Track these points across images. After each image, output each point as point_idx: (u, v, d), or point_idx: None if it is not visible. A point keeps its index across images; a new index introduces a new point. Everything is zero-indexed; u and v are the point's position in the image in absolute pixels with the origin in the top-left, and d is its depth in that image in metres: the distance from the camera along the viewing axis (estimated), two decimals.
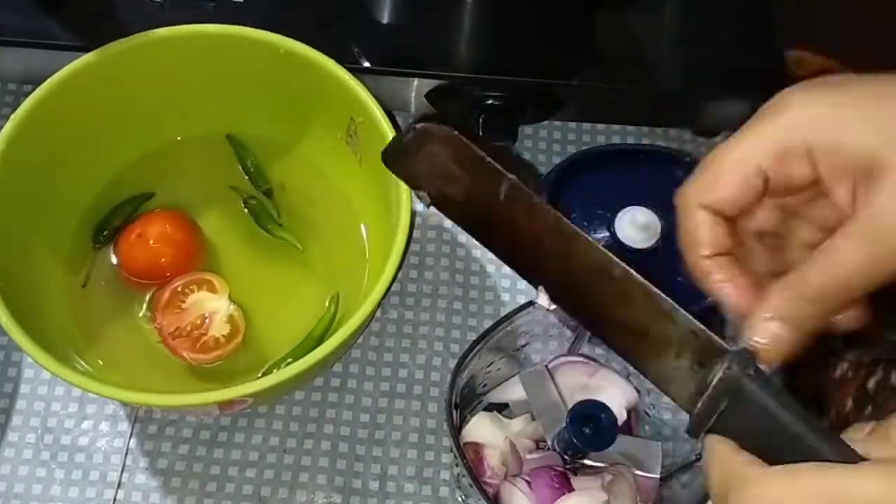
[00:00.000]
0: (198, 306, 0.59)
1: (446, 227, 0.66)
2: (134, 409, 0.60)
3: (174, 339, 0.58)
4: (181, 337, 0.58)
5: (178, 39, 0.58)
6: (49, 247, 0.59)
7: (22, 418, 0.59)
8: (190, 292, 0.59)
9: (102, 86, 0.58)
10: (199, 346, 0.58)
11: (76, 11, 0.63)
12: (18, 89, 0.68)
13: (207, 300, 0.59)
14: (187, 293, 0.59)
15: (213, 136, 0.64)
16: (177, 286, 0.59)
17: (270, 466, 0.58)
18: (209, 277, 0.60)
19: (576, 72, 0.65)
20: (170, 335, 0.58)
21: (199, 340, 0.58)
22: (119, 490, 0.57)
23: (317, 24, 0.63)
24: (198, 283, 0.60)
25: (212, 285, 0.59)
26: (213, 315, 0.59)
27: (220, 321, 0.59)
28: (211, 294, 0.59)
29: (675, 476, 0.52)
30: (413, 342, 0.62)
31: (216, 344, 0.58)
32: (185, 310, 0.59)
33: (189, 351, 0.58)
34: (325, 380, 0.61)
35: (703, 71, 0.65)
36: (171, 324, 0.58)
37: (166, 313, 0.59)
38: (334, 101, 0.58)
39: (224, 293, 0.59)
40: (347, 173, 0.62)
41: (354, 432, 0.59)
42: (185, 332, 0.58)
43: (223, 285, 0.59)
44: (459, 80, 0.63)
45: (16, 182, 0.56)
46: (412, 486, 0.58)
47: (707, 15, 0.67)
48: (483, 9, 0.65)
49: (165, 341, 0.58)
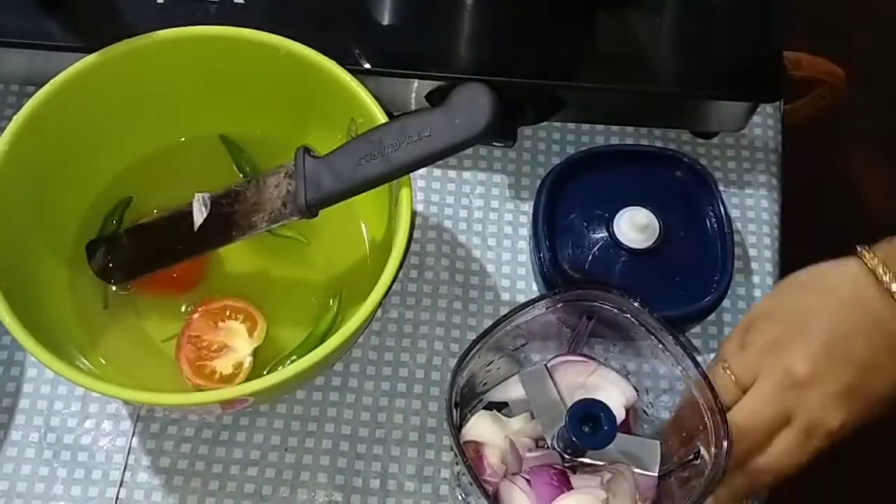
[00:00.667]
0: (227, 334, 0.59)
1: (446, 226, 0.66)
2: (136, 408, 0.60)
3: (188, 342, 0.58)
4: (191, 345, 0.58)
5: (180, 41, 0.59)
6: (51, 247, 0.60)
7: (25, 417, 0.59)
8: (232, 319, 0.59)
9: (104, 87, 0.59)
10: (197, 363, 0.58)
11: (78, 13, 0.63)
12: (21, 90, 0.69)
13: (238, 336, 0.59)
14: (231, 317, 0.59)
15: (214, 137, 0.65)
16: (228, 303, 0.59)
17: (272, 465, 0.59)
18: (257, 319, 0.59)
19: (576, 72, 0.65)
20: (188, 337, 0.58)
21: (201, 360, 0.58)
22: (121, 488, 0.58)
23: (317, 26, 0.63)
24: (246, 316, 0.59)
25: (253, 327, 0.59)
26: (230, 352, 0.58)
27: (230, 360, 0.58)
28: (246, 335, 0.59)
29: (673, 474, 0.53)
30: (413, 342, 0.62)
31: (210, 374, 0.58)
32: (216, 328, 0.59)
33: (187, 360, 0.58)
34: (326, 379, 0.61)
35: (702, 71, 0.65)
36: (197, 329, 0.58)
37: (203, 320, 0.59)
38: (335, 102, 0.59)
39: (255, 342, 0.59)
40: None
41: (355, 431, 0.60)
42: (199, 344, 0.58)
43: (260, 333, 0.59)
44: (460, 81, 0.63)
45: (18, 182, 0.56)
46: (413, 485, 0.58)
47: (706, 16, 0.67)
48: (483, 10, 0.65)
49: (180, 338, 0.58)
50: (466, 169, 0.68)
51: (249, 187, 0.57)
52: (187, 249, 0.58)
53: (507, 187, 0.68)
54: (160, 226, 0.59)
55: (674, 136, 0.70)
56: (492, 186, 0.67)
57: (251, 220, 0.56)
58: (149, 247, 0.60)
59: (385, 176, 0.52)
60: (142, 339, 0.60)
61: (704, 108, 0.67)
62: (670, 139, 0.70)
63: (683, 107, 0.67)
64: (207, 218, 0.57)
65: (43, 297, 0.58)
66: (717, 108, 0.67)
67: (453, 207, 0.67)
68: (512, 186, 0.68)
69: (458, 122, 0.49)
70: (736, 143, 0.70)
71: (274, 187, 0.55)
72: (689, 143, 0.70)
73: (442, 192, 0.67)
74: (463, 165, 0.68)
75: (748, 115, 0.67)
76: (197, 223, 0.57)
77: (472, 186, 0.67)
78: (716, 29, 0.67)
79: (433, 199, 0.67)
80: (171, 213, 0.59)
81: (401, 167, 0.51)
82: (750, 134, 0.70)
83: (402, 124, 0.51)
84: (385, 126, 0.52)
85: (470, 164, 0.68)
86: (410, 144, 0.50)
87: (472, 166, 0.68)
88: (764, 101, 0.68)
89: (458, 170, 0.68)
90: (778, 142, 0.70)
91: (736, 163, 0.69)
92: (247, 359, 0.58)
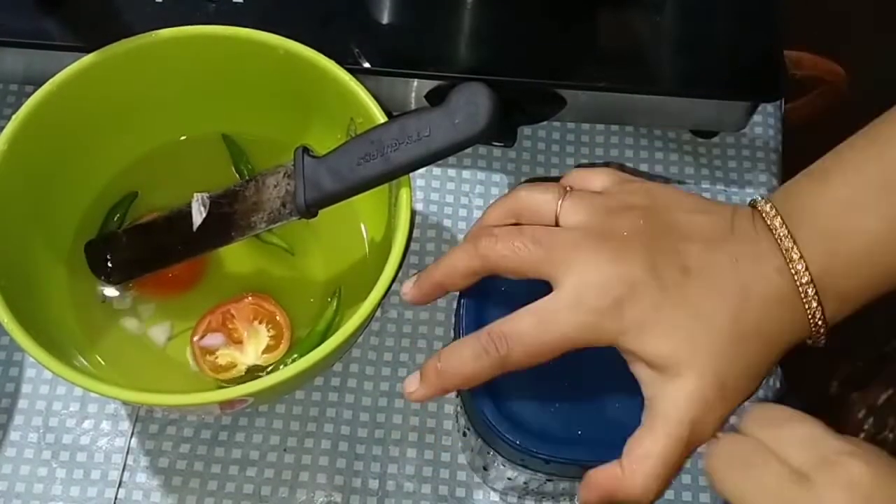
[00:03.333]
0: (251, 335, 0.59)
1: (446, 226, 0.66)
2: (135, 409, 0.60)
3: (223, 312, 0.59)
4: (223, 316, 0.59)
5: (179, 40, 0.58)
6: (50, 246, 0.60)
7: (24, 418, 0.59)
8: (265, 325, 0.59)
9: (103, 87, 0.58)
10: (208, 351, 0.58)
11: (76, 12, 0.63)
12: (20, 90, 0.69)
13: (255, 343, 0.59)
14: (267, 323, 0.59)
15: (213, 137, 0.64)
16: (276, 313, 0.59)
17: (271, 465, 0.59)
18: (281, 343, 0.59)
19: (576, 72, 0.65)
20: (228, 310, 0.59)
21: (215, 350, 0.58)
22: (120, 489, 0.58)
23: (316, 25, 0.63)
24: (277, 334, 0.59)
25: (273, 346, 0.59)
26: (237, 349, 0.58)
27: (230, 355, 0.58)
28: (260, 348, 0.59)
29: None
30: (413, 342, 0.62)
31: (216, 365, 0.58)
32: (251, 323, 0.59)
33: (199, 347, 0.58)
34: (325, 379, 0.61)
35: (702, 71, 0.65)
36: (239, 310, 0.59)
37: (249, 307, 0.59)
38: (334, 102, 0.59)
39: (260, 360, 0.58)
40: None
41: (354, 431, 0.60)
42: (227, 324, 0.59)
43: (269, 359, 0.59)
44: (459, 80, 0.63)
45: (17, 182, 0.56)
46: (412, 485, 0.58)
47: (707, 15, 0.67)
48: (483, 9, 0.65)
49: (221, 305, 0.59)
50: (466, 168, 0.68)
51: (248, 187, 0.57)
52: (187, 250, 0.58)
53: (507, 187, 0.67)
54: (159, 226, 0.59)
55: (674, 135, 0.70)
56: (492, 186, 0.67)
57: (250, 220, 0.56)
58: (148, 247, 0.60)
59: (385, 176, 0.52)
60: (141, 340, 0.60)
61: (704, 108, 0.67)
62: (670, 139, 0.70)
63: (683, 107, 0.67)
64: (206, 218, 0.57)
65: (41, 296, 0.57)
66: (717, 107, 0.66)
67: (453, 207, 0.67)
68: (512, 186, 0.67)
69: (457, 121, 0.49)
70: (736, 142, 0.70)
71: (273, 187, 0.55)
72: (689, 142, 0.70)
73: (442, 192, 0.67)
74: (463, 165, 0.68)
75: (748, 115, 0.67)
76: (196, 223, 0.57)
77: (471, 186, 0.67)
78: (716, 28, 0.67)
79: (433, 198, 0.67)
80: (170, 214, 0.59)
81: (400, 167, 0.51)
82: (750, 134, 0.70)
83: (401, 124, 0.51)
84: (384, 126, 0.52)
85: (470, 163, 0.68)
86: (410, 144, 0.50)
87: (472, 166, 0.68)
88: (764, 101, 0.68)
89: (458, 169, 0.68)
90: (778, 142, 0.70)
91: (736, 163, 0.69)
92: (244, 366, 0.58)
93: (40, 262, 0.59)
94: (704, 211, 0.47)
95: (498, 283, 0.48)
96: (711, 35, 0.66)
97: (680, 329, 0.43)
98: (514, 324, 0.45)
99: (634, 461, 0.43)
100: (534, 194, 0.49)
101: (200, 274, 0.62)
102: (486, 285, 0.49)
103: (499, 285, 0.49)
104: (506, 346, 0.45)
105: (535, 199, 0.48)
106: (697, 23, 0.67)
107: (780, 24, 0.66)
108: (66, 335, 0.58)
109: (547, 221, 0.48)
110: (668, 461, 0.43)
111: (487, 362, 0.45)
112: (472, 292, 0.50)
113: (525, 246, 0.46)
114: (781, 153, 0.70)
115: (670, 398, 0.43)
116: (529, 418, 0.48)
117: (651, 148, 0.69)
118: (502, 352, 0.45)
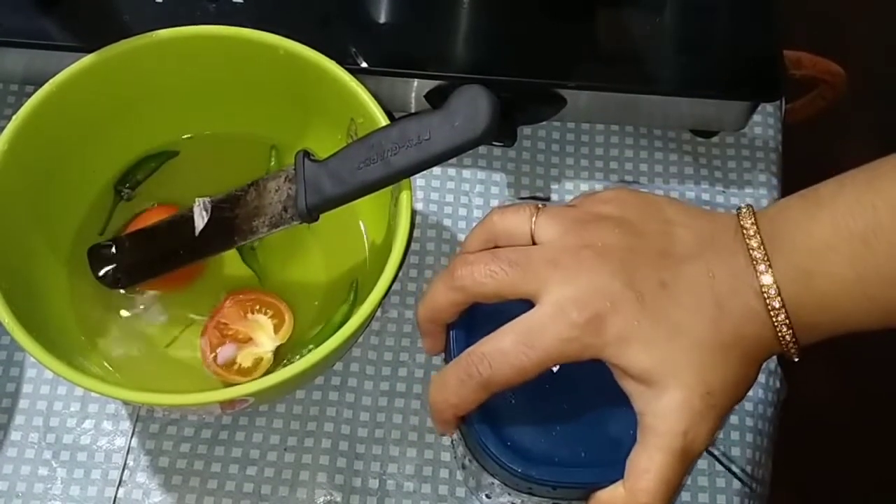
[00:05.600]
0: (253, 327, 0.59)
1: (446, 226, 0.66)
2: (136, 409, 0.60)
3: (214, 328, 0.58)
4: (217, 331, 0.58)
5: (179, 40, 0.58)
6: (51, 247, 0.60)
7: (24, 417, 0.59)
8: (261, 312, 0.59)
9: (103, 87, 0.59)
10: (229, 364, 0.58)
11: (77, 12, 0.63)
12: (20, 90, 0.69)
13: (263, 331, 0.59)
14: (260, 311, 0.59)
15: (213, 137, 0.64)
16: (261, 296, 0.59)
17: (271, 465, 0.59)
18: (285, 317, 0.59)
19: (576, 72, 0.65)
20: (216, 322, 0.58)
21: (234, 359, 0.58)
22: (120, 488, 0.58)
23: (316, 25, 0.63)
24: (275, 312, 0.59)
25: (280, 324, 0.59)
26: (252, 345, 0.58)
27: (251, 354, 0.58)
28: (272, 331, 0.59)
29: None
30: (413, 342, 0.62)
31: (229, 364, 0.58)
32: (245, 318, 0.59)
33: (210, 346, 0.58)
34: (325, 379, 0.61)
35: (702, 71, 0.65)
36: (226, 317, 0.59)
37: (234, 308, 0.59)
38: (334, 102, 0.59)
39: (279, 340, 0.58)
40: None
41: (354, 431, 0.60)
42: (225, 332, 0.58)
43: (286, 332, 0.59)
44: (459, 80, 0.63)
45: (18, 183, 0.56)
46: (412, 485, 0.59)
47: (706, 15, 0.67)
48: (482, 9, 0.65)
49: (207, 323, 0.59)
50: (466, 168, 0.68)
51: (250, 192, 0.57)
52: (189, 255, 0.58)
53: (507, 187, 0.67)
54: (161, 231, 0.59)
55: (674, 135, 0.70)
56: (492, 186, 0.67)
57: (252, 224, 0.56)
58: (150, 252, 0.60)
59: (385, 180, 0.52)
60: (141, 340, 0.60)
61: (704, 108, 0.67)
62: (671, 139, 0.70)
63: (683, 107, 0.67)
64: (209, 223, 0.57)
65: (41, 296, 0.58)
66: (717, 107, 0.67)
67: (453, 207, 0.67)
68: (512, 186, 0.68)
69: (457, 124, 0.49)
70: (736, 142, 0.70)
71: (274, 192, 0.55)
72: (689, 142, 0.70)
73: (442, 192, 0.67)
74: (463, 165, 0.68)
75: (748, 115, 0.67)
76: (198, 228, 0.57)
77: (471, 186, 0.67)
78: (716, 28, 0.67)
79: (433, 198, 0.67)
80: (173, 218, 0.59)
81: (401, 171, 0.51)
82: (750, 133, 0.70)
83: (401, 128, 0.51)
84: (384, 130, 0.52)
85: (470, 163, 0.68)
86: (410, 148, 0.50)
87: (472, 165, 0.68)
88: (764, 101, 0.68)
89: (458, 169, 0.68)
90: (778, 142, 0.70)
91: (736, 162, 0.69)
92: (267, 354, 0.58)
93: (40, 262, 0.59)
94: (682, 223, 0.47)
95: (486, 308, 0.48)
96: (711, 35, 0.66)
97: (661, 343, 0.44)
98: (494, 343, 0.45)
99: (635, 479, 0.44)
100: (506, 216, 0.49)
101: (198, 271, 0.62)
102: (475, 312, 0.48)
103: (487, 310, 0.48)
104: (488, 367, 0.45)
105: (508, 221, 0.48)
106: (697, 23, 0.67)
107: (780, 25, 0.66)
108: (67, 335, 0.58)
109: (524, 241, 0.48)
110: (666, 475, 0.43)
111: (471, 386, 0.45)
112: (461, 322, 0.50)
113: (501, 269, 0.46)
114: (781, 153, 0.70)
115: (659, 412, 0.44)
116: (532, 445, 0.48)
117: (651, 148, 0.69)
118: (485, 373, 0.45)
